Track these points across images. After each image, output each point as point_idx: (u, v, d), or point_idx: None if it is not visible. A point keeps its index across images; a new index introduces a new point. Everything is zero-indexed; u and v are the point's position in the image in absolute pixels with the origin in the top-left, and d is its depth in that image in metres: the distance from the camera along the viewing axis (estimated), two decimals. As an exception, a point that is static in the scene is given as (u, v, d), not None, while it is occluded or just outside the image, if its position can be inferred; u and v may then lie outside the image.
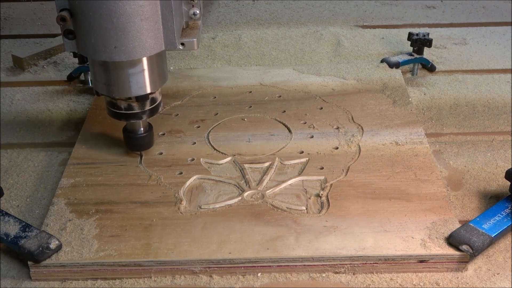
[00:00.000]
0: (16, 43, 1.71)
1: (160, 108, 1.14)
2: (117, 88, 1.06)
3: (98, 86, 1.08)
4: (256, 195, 1.05)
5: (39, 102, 1.43)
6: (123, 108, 1.10)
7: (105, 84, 1.06)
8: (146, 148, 1.17)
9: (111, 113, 1.12)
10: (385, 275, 0.94)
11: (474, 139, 1.26)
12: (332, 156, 1.15)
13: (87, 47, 1.00)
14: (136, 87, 1.06)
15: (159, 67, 1.08)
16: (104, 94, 1.09)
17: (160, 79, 1.09)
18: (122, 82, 1.05)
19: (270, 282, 0.94)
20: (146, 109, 1.10)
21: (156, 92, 1.11)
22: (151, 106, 1.11)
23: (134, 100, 1.08)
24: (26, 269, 0.96)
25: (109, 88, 1.06)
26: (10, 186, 1.16)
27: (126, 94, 1.07)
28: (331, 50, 1.60)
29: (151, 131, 1.17)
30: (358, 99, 1.32)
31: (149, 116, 1.12)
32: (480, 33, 1.68)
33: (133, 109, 1.09)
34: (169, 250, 0.95)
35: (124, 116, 1.11)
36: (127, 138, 1.16)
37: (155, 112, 1.13)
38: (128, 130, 1.15)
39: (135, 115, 1.10)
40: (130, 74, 1.04)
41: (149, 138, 1.16)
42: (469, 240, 0.93)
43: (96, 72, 1.07)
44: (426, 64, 1.49)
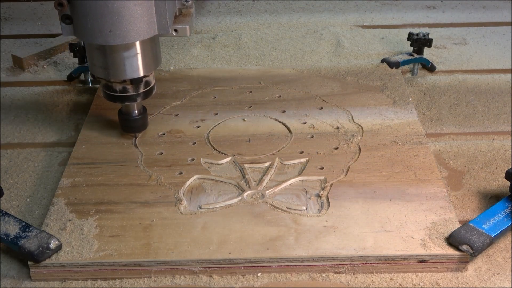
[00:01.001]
0: (16, 43, 1.71)
1: (154, 91, 1.19)
2: (113, 71, 1.11)
3: (95, 70, 1.13)
4: (256, 195, 1.05)
5: (39, 102, 1.43)
6: (118, 90, 1.14)
7: (101, 67, 1.11)
8: (141, 130, 1.22)
9: (106, 95, 1.17)
10: (385, 275, 0.94)
11: (474, 139, 1.26)
12: (332, 156, 1.15)
13: (84, 31, 1.05)
14: (131, 70, 1.11)
15: (153, 51, 1.12)
16: (100, 77, 1.14)
17: (154, 62, 1.14)
18: (117, 65, 1.10)
19: (270, 282, 0.94)
20: (140, 92, 1.15)
21: (150, 76, 1.16)
22: (145, 88, 1.16)
23: (129, 82, 1.13)
24: (26, 269, 0.96)
25: (105, 71, 1.11)
26: (10, 186, 1.16)
27: (121, 76, 1.11)
28: (331, 50, 1.60)
29: (145, 114, 1.21)
30: (358, 99, 1.32)
31: (143, 99, 1.17)
32: (480, 33, 1.68)
33: (128, 91, 1.14)
34: (169, 250, 0.95)
35: (119, 99, 1.16)
36: (122, 120, 1.20)
37: (149, 95, 1.17)
38: (123, 112, 1.20)
39: (129, 97, 1.15)
40: (125, 57, 1.09)
41: (143, 120, 1.21)
42: (469, 240, 0.93)
43: (93, 56, 1.11)
44: (426, 64, 1.49)
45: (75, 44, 1.47)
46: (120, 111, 1.20)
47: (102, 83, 1.16)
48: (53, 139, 1.30)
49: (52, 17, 1.87)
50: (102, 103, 1.34)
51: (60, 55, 1.63)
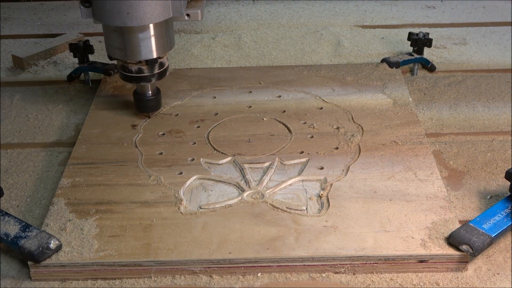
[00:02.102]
0: (16, 43, 1.71)
1: (168, 72, 1.25)
2: (129, 52, 1.17)
3: (112, 51, 1.19)
4: (256, 195, 1.05)
5: (39, 102, 1.43)
6: (134, 71, 1.20)
7: (118, 48, 1.17)
8: (154, 110, 1.28)
9: (122, 76, 1.23)
10: (385, 275, 0.94)
11: (474, 139, 1.26)
12: (332, 156, 1.15)
13: (102, 14, 1.12)
14: (146, 51, 1.17)
15: (167, 33, 1.19)
16: (117, 58, 1.20)
17: (168, 44, 1.20)
18: (133, 46, 1.16)
19: (270, 282, 0.94)
20: (155, 73, 1.21)
21: (164, 57, 1.22)
22: (160, 70, 1.21)
23: (144, 63, 1.19)
24: (26, 269, 0.96)
25: (122, 52, 1.17)
26: (10, 186, 1.16)
27: (137, 57, 1.17)
28: (331, 50, 1.60)
29: (159, 95, 1.27)
30: (358, 99, 1.32)
31: (158, 79, 1.23)
32: (480, 33, 1.68)
33: (143, 72, 1.20)
34: (169, 250, 0.95)
35: (135, 79, 1.22)
36: (137, 100, 1.26)
37: (163, 76, 1.23)
38: (138, 93, 1.26)
39: (145, 78, 1.21)
40: (141, 39, 1.15)
41: (156, 101, 1.27)
42: (469, 240, 0.93)
43: (110, 37, 1.18)
44: (426, 64, 1.49)
45: (75, 44, 1.47)
46: (135, 91, 1.26)
47: (119, 64, 1.22)
48: (53, 139, 1.30)
49: (52, 17, 1.87)
50: (102, 103, 1.34)
51: (60, 55, 1.63)
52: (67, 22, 1.84)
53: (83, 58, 1.48)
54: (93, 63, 1.48)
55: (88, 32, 1.75)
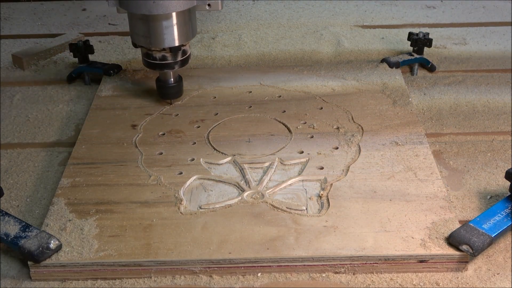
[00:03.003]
0: (16, 43, 1.71)
1: (190, 60, 1.29)
2: (154, 40, 1.21)
3: (136, 39, 1.24)
4: (256, 195, 1.05)
5: (39, 102, 1.43)
6: (158, 58, 1.24)
7: (143, 36, 1.22)
8: (176, 97, 1.32)
9: (146, 63, 1.27)
10: (385, 275, 0.94)
11: (474, 139, 1.26)
12: (332, 156, 1.15)
13: (129, 2, 1.17)
14: (170, 39, 1.21)
15: (190, 22, 1.24)
16: (141, 46, 1.24)
17: (191, 33, 1.25)
18: (158, 34, 1.20)
19: (270, 282, 0.94)
20: (178, 60, 1.26)
21: (187, 45, 1.27)
22: (182, 57, 1.26)
23: (168, 51, 1.23)
24: (26, 269, 0.96)
25: (147, 40, 1.22)
26: (10, 186, 1.16)
27: (161, 45, 1.22)
28: (331, 50, 1.60)
29: (181, 82, 1.32)
30: (358, 99, 1.32)
31: (180, 67, 1.27)
32: (480, 33, 1.68)
33: (167, 59, 1.24)
34: (169, 250, 0.95)
35: (159, 66, 1.26)
36: (159, 87, 1.31)
37: (185, 63, 1.28)
38: (160, 80, 1.31)
39: (168, 65, 1.26)
40: (165, 27, 1.20)
41: (178, 88, 1.32)
42: (469, 240, 0.93)
43: (136, 25, 1.22)
44: (426, 64, 1.49)
45: (75, 44, 1.47)
46: (157, 78, 1.31)
47: (143, 51, 1.26)
48: (53, 139, 1.30)
49: (52, 17, 1.87)
50: (102, 103, 1.34)
51: (60, 55, 1.63)
52: (67, 22, 1.84)
53: (83, 58, 1.48)
54: (93, 63, 1.48)
55: (88, 32, 1.75)
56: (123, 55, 1.62)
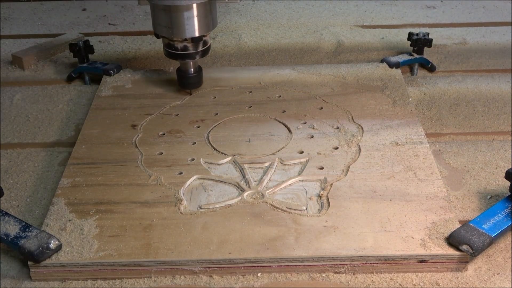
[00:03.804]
0: (16, 43, 1.71)
1: (210, 50, 1.33)
2: (176, 30, 1.25)
3: (159, 29, 1.27)
4: (256, 195, 1.05)
5: (39, 102, 1.43)
6: (180, 48, 1.28)
7: (166, 27, 1.25)
8: (196, 87, 1.36)
9: (168, 53, 1.31)
10: (385, 275, 0.94)
11: (474, 139, 1.26)
12: (332, 156, 1.15)
13: None
14: (191, 29, 1.25)
15: (211, 13, 1.27)
16: (163, 36, 1.28)
17: (211, 24, 1.28)
18: (180, 25, 1.24)
19: (270, 282, 0.94)
20: (199, 50, 1.29)
21: (207, 36, 1.30)
22: (203, 47, 1.30)
23: (190, 41, 1.27)
24: (26, 269, 0.96)
25: (169, 30, 1.25)
26: (10, 186, 1.16)
27: (182, 35, 1.25)
28: (331, 50, 1.60)
29: (201, 72, 1.36)
30: (358, 99, 1.32)
31: (201, 57, 1.31)
32: (480, 33, 1.68)
33: (188, 49, 1.28)
34: (169, 250, 0.95)
35: (180, 56, 1.29)
36: (180, 77, 1.35)
37: (206, 53, 1.32)
38: (181, 70, 1.34)
39: (189, 55, 1.29)
40: (187, 17, 1.23)
41: (198, 78, 1.35)
42: (469, 240, 0.93)
43: (158, 16, 1.26)
44: (426, 64, 1.49)
45: (75, 44, 1.47)
46: (178, 69, 1.35)
47: (165, 42, 1.30)
48: (53, 139, 1.30)
49: (52, 17, 1.87)
50: (102, 103, 1.34)
51: (60, 55, 1.63)
52: (67, 22, 1.84)
53: (83, 58, 1.48)
54: (93, 63, 1.48)
55: (88, 32, 1.75)
56: (123, 55, 1.62)
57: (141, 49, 1.65)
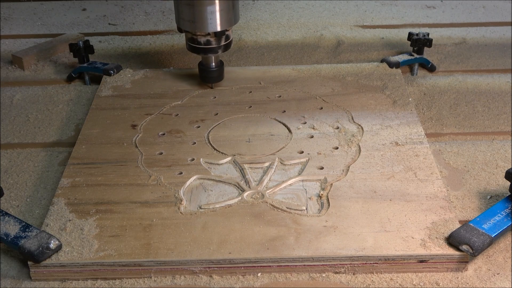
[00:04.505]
0: (16, 43, 1.71)
1: (232, 45, 1.35)
2: (199, 25, 1.27)
3: (182, 24, 1.29)
4: (256, 195, 1.05)
5: (39, 102, 1.43)
6: (202, 43, 1.30)
7: (189, 21, 1.27)
8: (217, 81, 1.38)
9: (191, 48, 1.33)
10: (385, 275, 0.94)
11: (474, 139, 1.26)
12: (332, 156, 1.15)
13: None
14: (214, 24, 1.27)
15: (233, 8, 1.29)
16: (187, 30, 1.30)
17: (234, 18, 1.30)
18: (203, 19, 1.26)
19: (270, 282, 0.94)
20: (221, 44, 1.31)
21: (230, 30, 1.31)
22: (225, 42, 1.32)
23: (213, 35, 1.29)
24: (26, 269, 0.96)
25: (192, 25, 1.27)
26: (10, 186, 1.16)
27: (205, 29, 1.27)
28: (331, 50, 1.60)
29: (222, 67, 1.37)
30: (358, 99, 1.32)
31: (224, 51, 1.33)
32: (480, 33, 1.68)
33: (211, 44, 1.30)
34: (169, 250, 0.95)
35: (203, 50, 1.31)
36: (201, 71, 1.37)
37: (228, 48, 1.33)
38: (203, 64, 1.36)
39: (212, 49, 1.31)
40: (210, 12, 1.25)
41: (219, 72, 1.37)
42: (469, 240, 0.93)
43: (182, 11, 1.28)
44: (426, 64, 1.49)
45: (75, 44, 1.47)
46: (200, 63, 1.36)
47: (188, 36, 1.31)
48: (53, 139, 1.30)
49: (52, 17, 1.87)
50: (102, 103, 1.34)
51: (60, 55, 1.63)
52: (67, 22, 1.84)
53: (83, 58, 1.48)
54: (93, 63, 1.48)
55: (88, 32, 1.75)
56: (123, 55, 1.62)
57: (141, 49, 1.65)
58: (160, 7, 1.92)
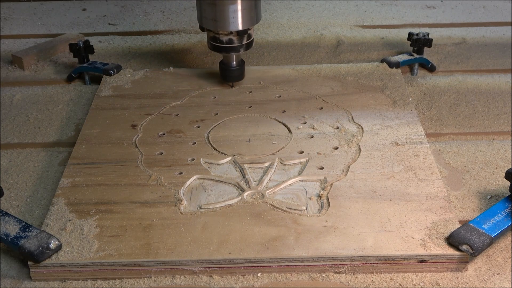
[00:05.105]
0: (16, 43, 1.71)
1: (253, 44, 1.36)
2: (221, 23, 1.28)
3: (205, 22, 1.30)
4: (256, 195, 1.05)
5: (39, 102, 1.43)
6: (225, 41, 1.31)
7: (211, 20, 1.28)
8: (238, 80, 1.39)
9: (212, 46, 1.34)
10: (385, 275, 0.94)
11: (474, 139, 1.26)
12: (332, 156, 1.15)
13: None
14: (237, 23, 1.28)
15: (256, 6, 1.30)
16: (210, 29, 1.31)
17: (256, 17, 1.31)
18: (225, 18, 1.27)
19: (270, 282, 0.94)
20: (243, 43, 1.32)
21: (251, 29, 1.32)
22: (247, 41, 1.33)
23: (235, 34, 1.29)
24: (26, 269, 0.96)
25: (215, 23, 1.28)
26: (10, 186, 1.16)
27: (228, 28, 1.28)
28: (331, 50, 1.60)
29: (243, 66, 1.38)
30: (358, 99, 1.32)
31: (245, 50, 1.34)
32: (480, 33, 1.68)
33: (233, 42, 1.31)
34: (169, 250, 0.95)
35: (225, 49, 1.32)
36: (222, 70, 1.38)
37: (249, 47, 1.34)
38: (224, 63, 1.37)
39: (234, 48, 1.32)
40: (233, 11, 1.26)
41: (240, 71, 1.38)
42: (469, 240, 0.93)
43: (205, 9, 1.28)
44: (426, 64, 1.49)
45: (75, 44, 1.47)
46: (221, 61, 1.37)
47: (210, 35, 1.32)
48: (53, 139, 1.30)
49: (52, 17, 1.87)
50: (102, 103, 1.34)
51: (60, 55, 1.63)
52: (67, 22, 1.84)
53: (83, 58, 1.48)
54: (93, 63, 1.48)
55: (88, 32, 1.75)
56: (123, 55, 1.62)
57: (141, 49, 1.65)
58: (160, 7, 1.92)
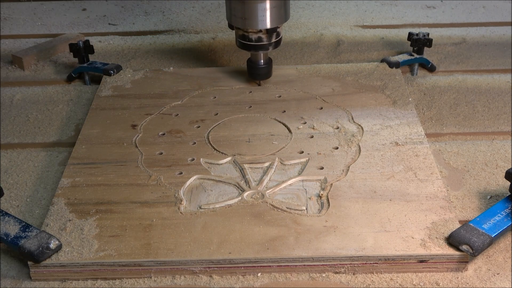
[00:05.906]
0: (16, 43, 1.71)
1: (281, 42, 1.36)
2: (250, 22, 1.28)
3: (234, 20, 1.31)
4: (256, 195, 1.05)
5: (39, 102, 1.43)
6: (254, 39, 1.31)
7: (241, 18, 1.28)
8: (265, 78, 1.39)
9: (241, 45, 1.34)
10: (385, 275, 0.94)
11: (474, 139, 1.26)
12: (332, 156, 1.15)
13: None
14: (266, 21, 1.28)
15: (285, 4, 1.30)
16: (239, 27, 1.31)
17: (285, 15, 1.32)
18: (255, 16, 1.27)
19: (270, 282, 0.94)
20: (272, 41, 1.33)
21: (280, 27, 1.33)
22: (276, 39, 1.33)
23: (264, 32, 1.30)
24: (26, 269, 0.96)
25: (244, 22, 1.29)
26: (10, 186, 1.16)
27: (257, 26, 1.29)
28: (331, 50, 1.60)
29: (270, 64, 1.38)
30: (358, 99, 1.32)
31: (274, 48, 1.34)
32: (480, 33, 1.68)
33: (262, 40, 1.31)
34: (169, 250, 0.95)
35: (254, 47, 1.33)
36: (250, 67, 1.38)
37: (278, 45, 1.35)
38: (252, 61, 1.37)
39: (263, 46, 1.33)
40: (262, 9, 1.26)
41: (268, 69, 1.38)
42: (469, 240, 0.93)
43: (234, 7, 1.29)
44: (426, 64, 1.49)
45: (75, 44, 1.47)
46: (249, 59, 1.38)
47: (239, 33, 1.33)
48: (53, 139, 1.30)
49: (52, 17, 1.87)
50: (102, 103, 1.34)
51: (60, 55, 1.63)
52: (67, 22, 1.84)
53: (83, 58, 1.48)
54: (93, 63, 1.48)
55: (88, 32, 1.75)
56: (123, 55, 1.62)
57: (141, 49, 1.65)
58: (160, 7, 1.92)
